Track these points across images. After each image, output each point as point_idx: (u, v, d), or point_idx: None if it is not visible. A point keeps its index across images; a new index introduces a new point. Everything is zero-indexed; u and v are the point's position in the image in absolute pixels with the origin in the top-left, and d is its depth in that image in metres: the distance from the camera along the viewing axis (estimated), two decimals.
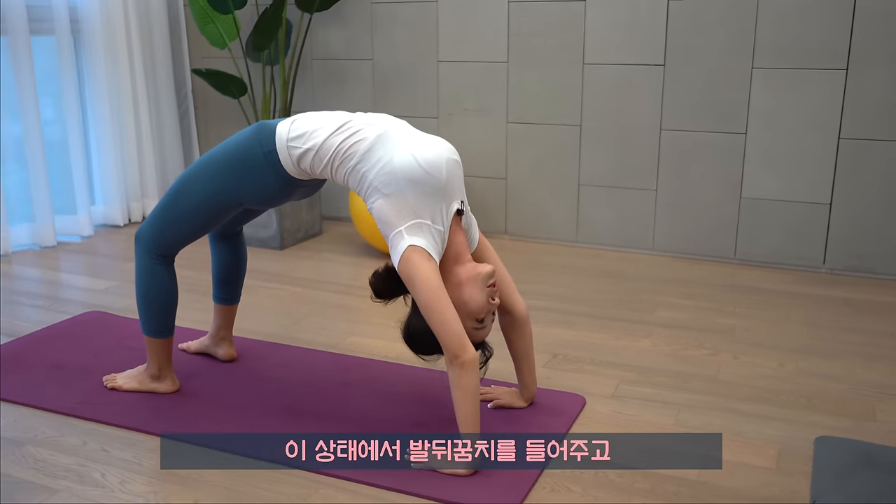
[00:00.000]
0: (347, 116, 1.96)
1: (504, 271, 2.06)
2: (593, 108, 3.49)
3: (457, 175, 1.92)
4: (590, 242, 3.64)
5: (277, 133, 1.95)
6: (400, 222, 1.82)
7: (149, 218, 2.09)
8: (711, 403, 2.17)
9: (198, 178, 2.01)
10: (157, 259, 2.09)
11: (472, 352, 1.77)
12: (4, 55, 3.40)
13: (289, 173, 1.95)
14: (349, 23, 3.85)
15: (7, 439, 1.96)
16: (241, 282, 2.39)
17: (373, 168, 1.86)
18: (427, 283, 1.77)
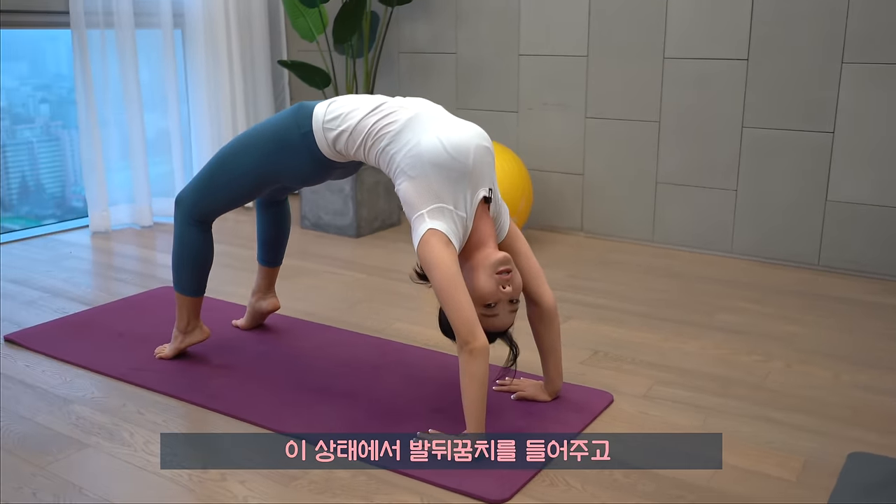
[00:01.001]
0: (382, 99, 1.99)
1: (534, 262, 2.04)
2: (673, 103, 3.39)
3: (486, 162, 1.91)
4: (665, 242, 3.53)
5: (314, 115, 2.00)
6: (422, 205, 1.83)
7: (190, 184, 2.19)
8: (745, 410, 2.07)
9: (239, 152, 2.09)
10: (194, 224, 2.19)
11: (483, 339, 1.77)
12: (111, 47, 3.65)
13: (324, 155, 2.01)
14: (435, 16, 3.90)
15: (59, 396, 2.13)
16: (283, 247, 2.50)
17: (401, 150, 1.88)
18: (442, 267, 1.78)
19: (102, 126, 3.68)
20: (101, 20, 3.58)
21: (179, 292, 2.26)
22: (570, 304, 2.83)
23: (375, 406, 2.06)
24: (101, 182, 3.68)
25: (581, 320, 2.69)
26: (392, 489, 1.72)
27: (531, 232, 3.79)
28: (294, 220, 3.95)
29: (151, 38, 3.83)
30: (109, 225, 3.75)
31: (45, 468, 1.79)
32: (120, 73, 3.69)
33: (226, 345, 2.44)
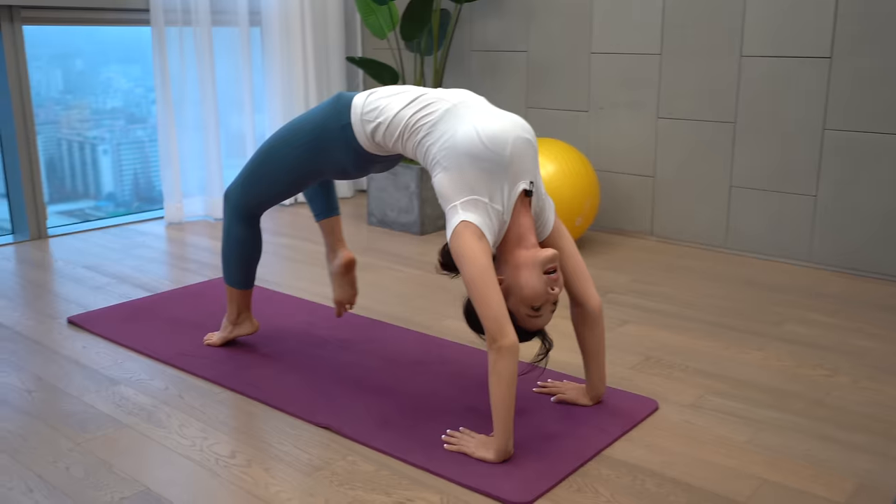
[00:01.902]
0: (422, 91, 1.95)
1: (579, 261, 1.97)
2: (749, 103, 3.24)
3: (526, 154, 1.84)
4: (739, 249, 3.38)
5: (353, 106, 1.98)
6: (456, 197, 1.79)
7: (237, 178, 2.20)
8: (801, 426, 1.94)
9: (281, 145, 2.08)
10: (243, 218, 2.21)
11: (512, 337, 1.71)
12: (188, 44, 3.76)
13: (364, 148, 1.99)
14: (508, 14, 3.85)
15: (107, 377, 2.18)
16: (332, 193, 2.41)
17: (437, 141, 1.84)
18: (473, 260, 1.74)
19: (178, 120, 3.79)
20: (179, 18, 3.69)
21: (229, 285, 2.30)
22: (628, 309, 2.74)
23: (409, 401, 2.03)
24: (176, 175, 3.79)
25: (638, 325, 2.59)
26: (413, 485, 1.68)
27: (598, 234, 3.69)
28: (361, 217, 3.97)
29: (228, 35, 3.92)
30: (183, 216, 3.86)
31: (81, 444, 1.83)
32: (197, 69, 3.79)
33: (274, 335, 2.46)
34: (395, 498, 1.64)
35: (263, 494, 1.64)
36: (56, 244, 3.49)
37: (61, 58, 4.97)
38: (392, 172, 3.69)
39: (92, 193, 5.14)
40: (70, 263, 3.21)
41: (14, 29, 3.36)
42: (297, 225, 3.84)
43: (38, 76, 5.15)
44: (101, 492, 1.65)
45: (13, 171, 3.50)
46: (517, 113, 3.90)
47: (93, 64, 5.06)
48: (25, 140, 3.47)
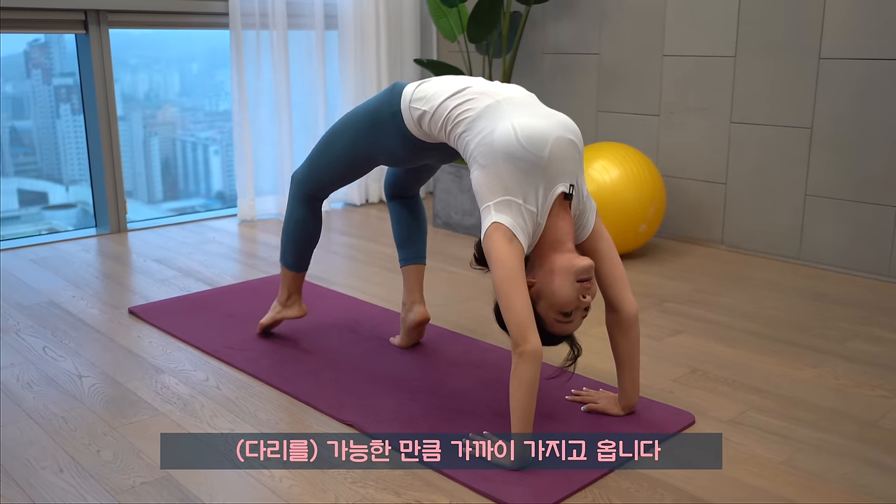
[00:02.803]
0: (469, 83, 1.91)
1: (618, 266, 1.91)
2: (827, 108, 3.08)
3: (567, 156, 1.79)
4: (813, 261, 3.21)
5: (403, 94, 1.98)
6: (490, 197, 1.75)
7: (304, 161, 2.25)
8: (846, 449, 1.83)
9: (342, 131, 2.12)
10: (305, 199, 2.25)
11: (535, 343, 1.67)
12: (264, 47, 3.86)
13: (413, 134, 1.98)
14: (580, 16, 3.79)
15: (153, 365, 2.27)
16: (421, 241, 2.39)
17: (475, 137, 1.81)
18: (502, 263, 1.71)
19: (253, 121, 3.90)
20: (257, 21, 3.80)
21: (283, 265, 2.34)
22: (683, 319, 2.64)
23: (439, 403, 2.02)
24: (250, 174, 3.90)
25: (691, 336, 2.50)
26: (425, 487, 1.67)
27: (665, 242, 3.58)
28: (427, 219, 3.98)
29: (304, 39, 4.01)
30: (255, 214, 3.97)
31: (116, 429, 1.90)
32: (272, 71, 3.89)
33: (318, 332, 2.49)
34: (405, 498, 1.63)
35: (277, 487, 1.67)
36: (134, 238, 3.65)
37: (179, 61, 5.21)
38: (457, 175, 3.69)
39: (203, 192, 5.36)
40: (142, 256, 3.35)
41: (101, 32, 3.53)
42: (365, 225, 3.89)
43: (157, 79, 5.42)
44: (125, 475, 1.71)
45: (97, 168, 3.68)
46: (588, 117, 3.83)
47: (207, 67, 5.27)
48: (108, 138, 3.64)
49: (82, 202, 4.07)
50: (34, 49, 4.49)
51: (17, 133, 4.73)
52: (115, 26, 3.58)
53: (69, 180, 4.68)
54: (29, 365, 2.26)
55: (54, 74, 4.61)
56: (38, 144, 4.73)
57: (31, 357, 2.32)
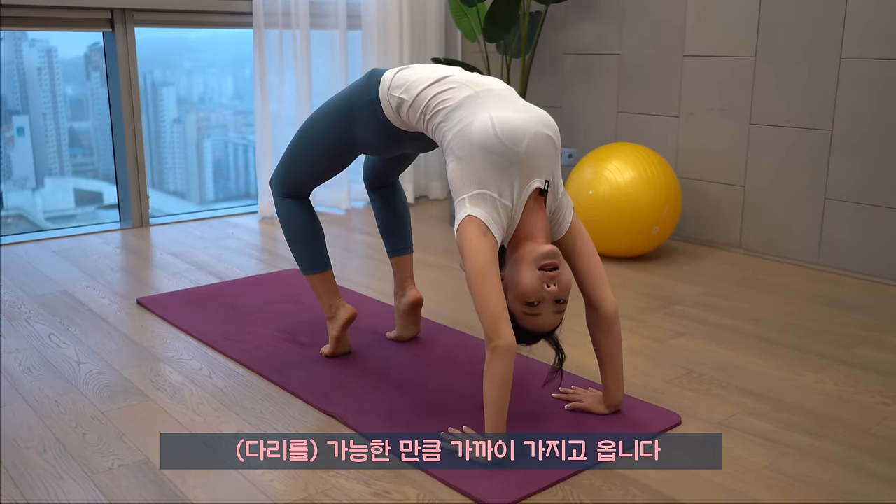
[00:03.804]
0: (449, 72, 1.90)
1: (596, 263, 1.89)
2: (849, 110, 3.00)
3: (544, 151, 1.78)
4: (832, 266, 3.13)
5: (382, 81, 1.95)
6: (464, 189, 1.74)
7: (279, 162, 2.20)
8: (834, 454, 1.77)
9: (316, 123, 2.08)
10: (291, 198, 2.17)
11: (508, 338, 1.65)
12: (287, 46, 3.91)
13: (391, 122, 1.95)
14: (601, 16, 3.76)
15: (151, 354, 2.31)
16: (405, 231, 2.37)
17: (453, 128, 1.79)
18: (474, 256, 1.69)
19: (274, 119, 3.95)
20: (280, 21, 3.85)
21: (306, 273, 2.20)
22: (687, 321, 2.60)
23: (424, 397, 2.02)
24: (270, 171, 3.95)
25: (692, 338, 2.46)
26: (396, 478, 1.67)
27: (682, 245, 3.52)
28: (443, 219, 3.98)
29: (327, 38, 4.05)
30: (274, 211, 4.00)
31: (104, 413, 1.94)
32: (294, 70, 3.93)
33: (314, 325, 2.50)
34: (373, 489, 1.63)
35: (249, 474, 1.68)
36: (155, 232, 3.72)
37: (233, 65, 5.31)
38: None
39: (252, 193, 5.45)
40: (160, 250, 3.42)
41: (126, 30, 3.61)
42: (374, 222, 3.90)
43: (211, 82, 5.54)
44: (105, 457, 1.74)
45: (122, 163, 3.76)
46: (608, 118, 3.79)
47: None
48: (132, 135, 3.72)
49: None
50: (94, 52, 4.61)
51: (75, 134, 4.87)
52: (140, 25, 3.66)
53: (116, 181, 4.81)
54: (32, 350, 2.32)
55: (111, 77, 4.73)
56: (95, 145, 4.85)
57: (35, 343, 2.38)
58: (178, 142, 5.34)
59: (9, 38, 4.38)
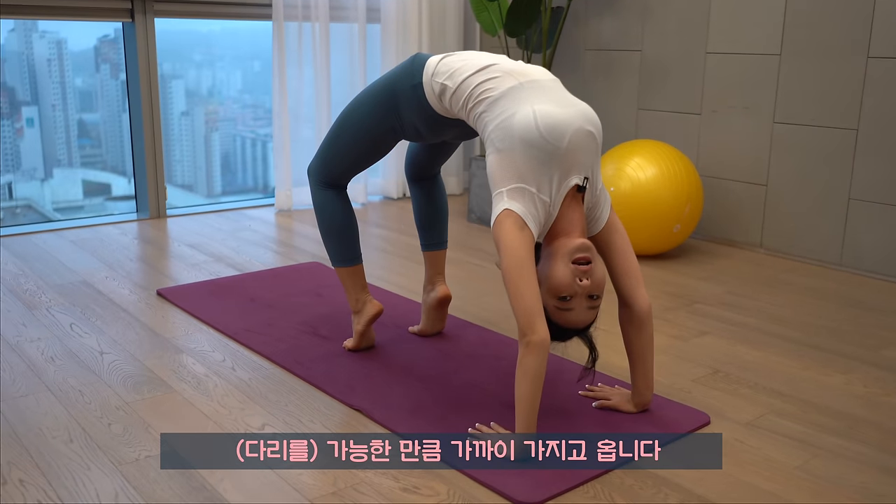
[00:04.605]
0: (494, 60, 1.86)
1: (632, 260, 1.87)
2: (875, 109, 2.97)
3: (585, 147, 1.75)
4: (855, 267, 3.10)
5: (426, 67, 1.92)
6: (503, 183, 1.72)
7: (318, 150, 2.17)
8: (865, 456, 1.75)
9: (357, 109, 2.05)
10: (328, 188, 2.14)
11: (542, 333, 1.64)
12: (306, 39, 3.90)
13: (433, 108, 1.93)
14: (623, 12, 3.73)
15: (173, 345, 2.30)
16: (442, 226, 2.34)
17: (494, 119, 1.77)
18: (511, 251, 1.67)
19: (292, 112, 3.93)
20: (299, 13, 3.83)
21: (336, 265, 2.17)
22: (711, 320, 2.58)
23: (450, 392, 2.01)
24: (287, 164, 3.94)
25: (716, 337, 2.44)
26: (425, 473, 1.65)
27: (702, 243, 3.50)
28: (462, 213, 3.97)
29: (346, 32, 4.03)
30: (292, 204, 4.00)
31: (129, 404, 1.93)
32: (312, 63, 3.92)
33: (338, 319, 2.49)
34: (403, 483, 1.62)
35: (278, 466, 1.67)
36: (172, 223, 3.71)
37: (242, 59, 5.29)
38: None
39: (260, 188, 5.44)
40: (177, 241, 3.41)
41: (146, 21, 3.60)
42: (401, 218, 3.89)
43: (220, 76, 5.52)
44: (132, 448, 1.73)
45: (140, 154, 3.76)
46: (628, 115, 3.77)
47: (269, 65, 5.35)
48: (151, 126, 3.71)
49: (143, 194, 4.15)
50: (103, 44, 4.61)
51: (84, 125, 4.87)
52: (160, 15, 3.65)
53: (132, 173, 4.80)
54: (54, 340, 2.31)
55: (122, 69, 4.73)
56: (104, 137, 4.85)
57: (57, 333, 2.37)
58: (187, 135, 5.32)
59: (19, 29, 4.38)
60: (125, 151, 4.76)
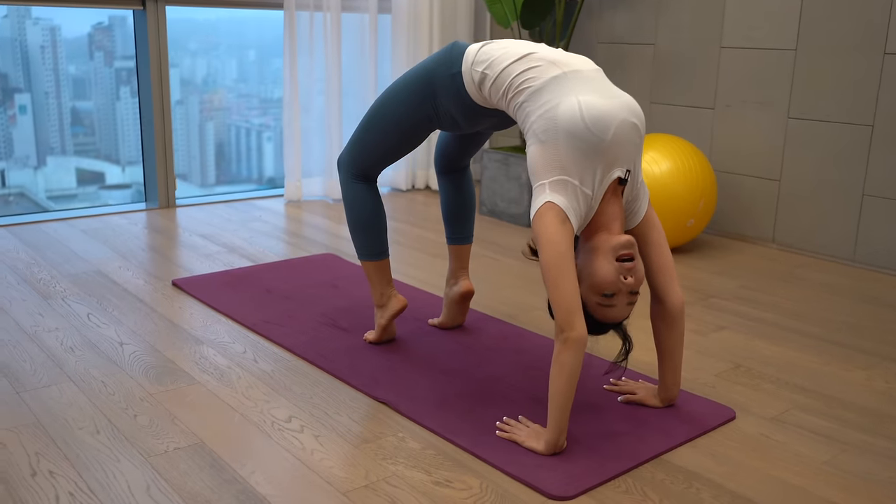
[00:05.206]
0: (534, 48, 1.84)
1: (667, 256, 1.85)
2: (891, 105, 2.97)
3: (629, 140, 1.72)
4: (869, 264, 3.11)
5: (466, 55, 1.90)
6: (545, 175, 1.70)
7: (349, 141, 2.15)
8: (892, 452, 1.76)
9: (392, 98, 2.02)
10: (359, 180, 2.12)
11: (581, 330, 1.63)
12: (318, 29, 3.87)
13: (471, 98, 1.91)
14: (637, 5, 3.72)
15: (193, 336, 2.29)
16: (469, 220, 2.33)
17: (537, 110, 1.74)
18: (552, 245, 1.65)
19: (303, 102, 3.91)
20: (311, 2, 3.81)
21: (363, 259, 2.16)
22: (728, 315, 2.58)
23: (473, 385, 2.00)
24: (297, 155, 3.92)
25: (735, 332, 2.44)
26: (456, 467, 1.65)
27: (715, 238, 3.50)
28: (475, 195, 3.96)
29: (357, 22, 4.01)
30: (301, 195, 3.99)
31: (153, 395, 1.92)
32: (324, 53, 3.90)
33: (358, 312, 2.49)
34: (435, 477, 1.62)
35: (308, 460, 1.66)
36: (182, 213, 3.69)
37: (237, 48, 5.26)
38: (504, 163, 3.66)
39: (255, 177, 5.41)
40: (188, 232, 3.39)
41: (157, 9, 3.58)
42: (410, 210, 3.88)
43: (215, 64, 5.49)
44: (159, 440, 1.72)
45: (149, 143, 3.73)
46: (641, 109, 3.76)
47: (264, 55, 5.32)
48: (161, 115, 3.69)
49: (138, 183, 4.14)
50: (97, 31, 4.57)
51: (77, 113, 4.83)
52: (172, 3, 3.62)
53: (126, 161, 4.76)
54: (72, 330, 2.30)
55: (116, 57, 4.69)
56: (97, 125, 4.81)
57: (75, 323, 2.36)
58: (181, 124, 5.30)
59: (13, 15, 4.34)
60: (119, 140, 4.73)
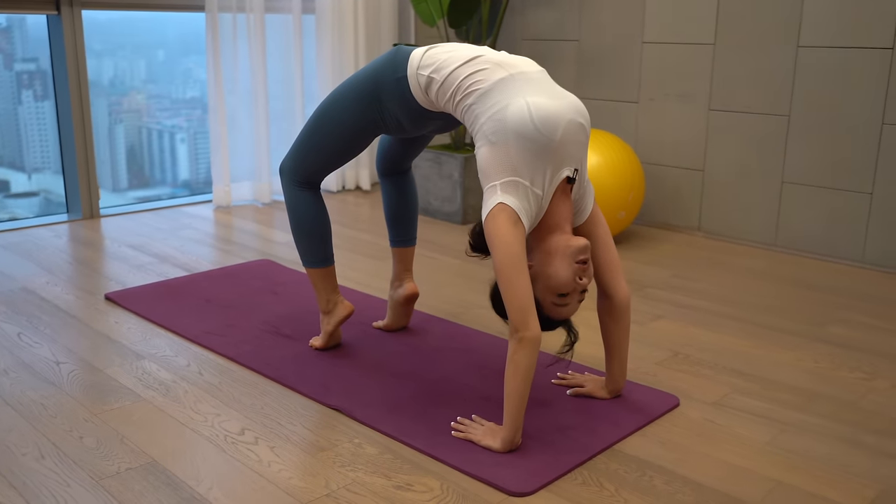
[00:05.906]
0: (482, 52, 1.85)
1: (613, 252, 1.89)
2: (805, 96, 3.11)
3: (576, 140, 1.76)
4: (790, 248, 3.25)
5: (411, 59, 1.89)
6: (496, 176, 1.71)
7: (291, 148, 2.12)
8: (828, 429, 1.85)
9: (336, 103, 2.01)
10: (303, 187, 2.10)
11: (535, 330, 1.66)
12: (241, 31, 3.81)
13: (417, 102, 1.91)
14: (560, 2, 3.79)
15: (133, 352, 2.23)
16: (412, 222, 2.34)
17: (486, 112, 1.75)
18: (505, 247, 1.67)
19: (229, 106, 3.85)
20: (233, 4, 3.74)
21: (308, 266, 2.15)
22: (663, 304, 2.66)
23: (424, 387, 2.02)
24: (225, 159, 3.85)
25: (670, 320, 2.52)
26: (415, 470, 1.66)
27: (643, 229, 3.60)
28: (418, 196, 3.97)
29: (281, 23, 3.96)
30: (230, 200, 3.92)
31: (98, 415, 1.87)
32: (249, 56, 3.84)
33: (299, 318, 2.47)
34: (395, 482, 1.62)
35: (265, 472, 1.65)
36: (107, 224, 3.59)
37: (145, 48, 5.10)
38: (436, 161, 3.68)
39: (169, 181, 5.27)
40: (116, 242, 3.30)
41: (73, 13, 3.46)
42: (343, 212, 3.86)
43: (122, 65, 5.31)
44: (109, 461, 1.68)
45: (69, 152, 3.61)
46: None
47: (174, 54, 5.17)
48: (81, 123, 3.57)
49: (45, 190, 3.99)
50: None
51: None
52: (88, 7, 3.51)
53: (32, 168, 4.58)
54: (3, 351, 2.22)
55: (16, 59, 4.50)
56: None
57: (5, 343, 2.27)
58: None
59: None
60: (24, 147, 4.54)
